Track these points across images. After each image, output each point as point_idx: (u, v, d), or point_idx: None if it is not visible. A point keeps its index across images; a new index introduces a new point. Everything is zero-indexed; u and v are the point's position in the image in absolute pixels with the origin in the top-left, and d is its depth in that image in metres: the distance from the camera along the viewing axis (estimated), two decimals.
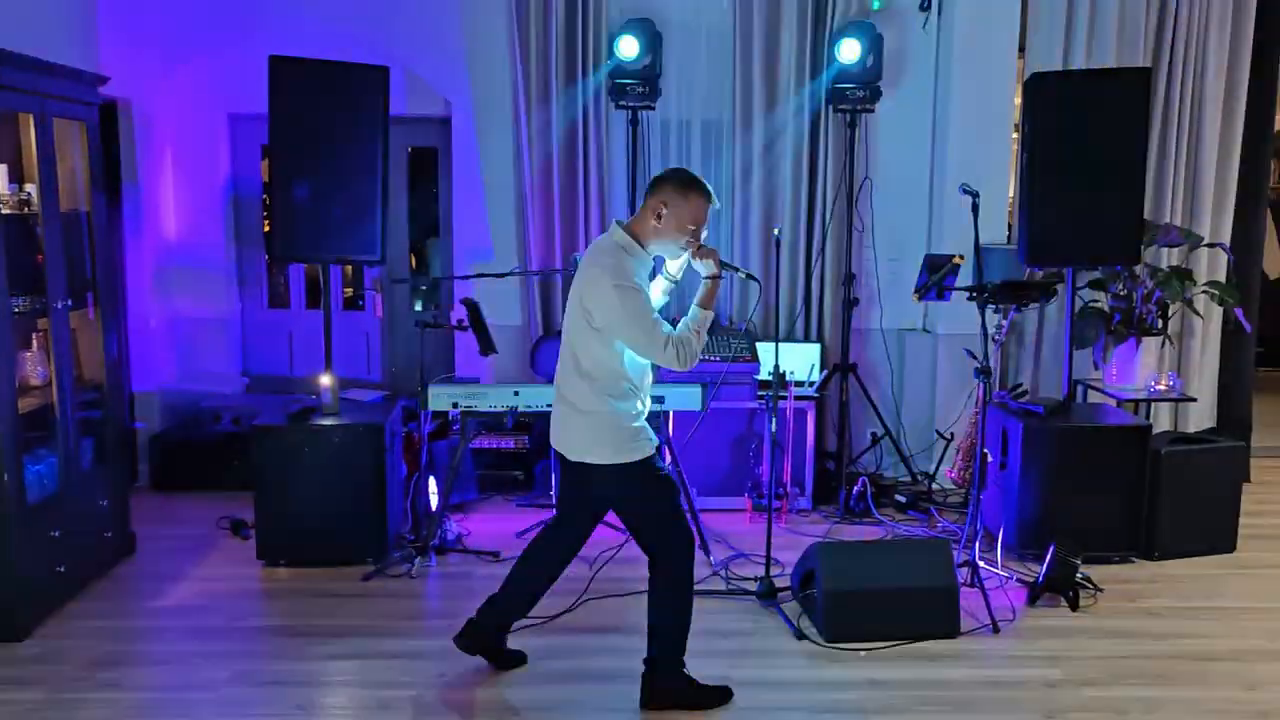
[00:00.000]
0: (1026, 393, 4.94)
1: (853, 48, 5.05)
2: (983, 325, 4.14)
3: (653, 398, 4.26)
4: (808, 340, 5.44)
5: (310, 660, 3.48)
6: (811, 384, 5.18)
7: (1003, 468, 4.55)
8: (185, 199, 5.60)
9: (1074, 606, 3.92)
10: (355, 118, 4.30)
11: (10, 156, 3.75)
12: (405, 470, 4.72)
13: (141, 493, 5.18)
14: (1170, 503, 4.42)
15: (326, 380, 4.47)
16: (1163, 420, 5.51)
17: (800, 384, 5.11)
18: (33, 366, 3.86)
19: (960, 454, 5.21)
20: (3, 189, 3.64)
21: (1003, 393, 4.82)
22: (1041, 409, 4.48)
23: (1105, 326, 5.01)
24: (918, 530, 4.78)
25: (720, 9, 5.35)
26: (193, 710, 3.15)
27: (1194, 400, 5.24)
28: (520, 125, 5.28)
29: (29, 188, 3.75)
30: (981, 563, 4.05)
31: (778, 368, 3.95)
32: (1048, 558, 3.97)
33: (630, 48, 5.01)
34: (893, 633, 3.61)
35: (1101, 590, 4.07)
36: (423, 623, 3.84)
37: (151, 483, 5.32)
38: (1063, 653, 3.57)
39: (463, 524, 4.73)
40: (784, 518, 4.90)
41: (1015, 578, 4.18)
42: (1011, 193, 5.72)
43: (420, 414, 4.54)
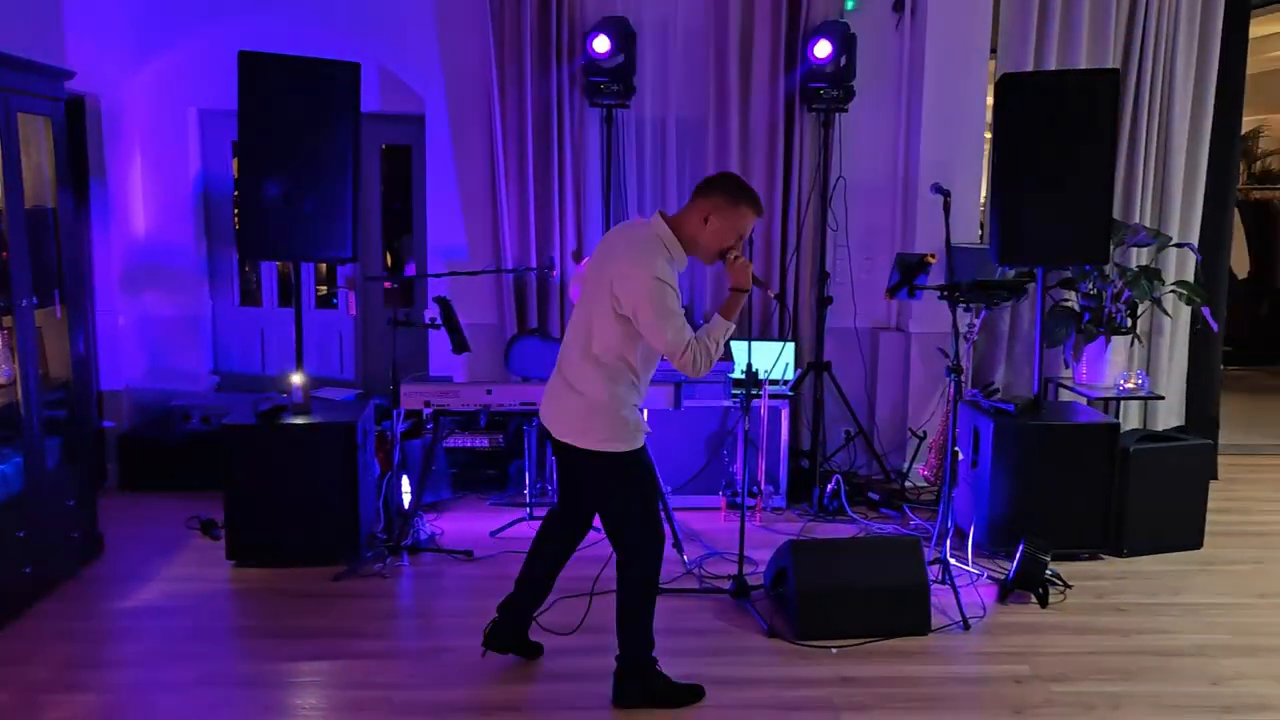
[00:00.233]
0: (998, 391, 4.97)
1: (825, 47, 5.07)
2: (954, 324, 4.17)
3: None
4: (782, 339, 5.45)
5: (281, 661, 3.45)
6: (786, 382, 5.20)
7: (974, 465, 4.58)
8: (154, 195, 5.54)
9: (1043, 603, 3.96)
10: (326, 114, 4.27)
11: None
12: (378, 469, 4.69)
13: (110, 493, 5.13)
14: (1138, 500, 4.47)
15: (298, 379, 4.44)
16: (1132, 418, 5.57)
17: (775, 382, 5.12)
18: None
19: (933, 452, 5.25)
20: None
21: (974, 391, 4.86)
22: (1012, 407, 4.51)
23: (1075, 325, 5.06)
24: (891, 528, 4.81)
25: (695, 8, 5.35)
26: (160, 712, 3.12)
27: (1162, 398, 5.30)
28: (495, 123, 5.26)
29: None
30: (952, 560, 4.08)
31: (750, 366, 3.96)
32: (1018, 555, 4.01)
33: (603, 44, 5.00)
34: (864, 630, 3.63)
35: (1070, 587, 4.11)
36: (395, 623, 3.82)
37: (120, 482, 5.26)
38: (1031, 649, 3.60)
39: (436, 523, 4.72)
40: (758, 516, 4.92)
41: (986, 575, 4.21)
42: (984, 193, 5.77)
43: (393, 412, 4.52)
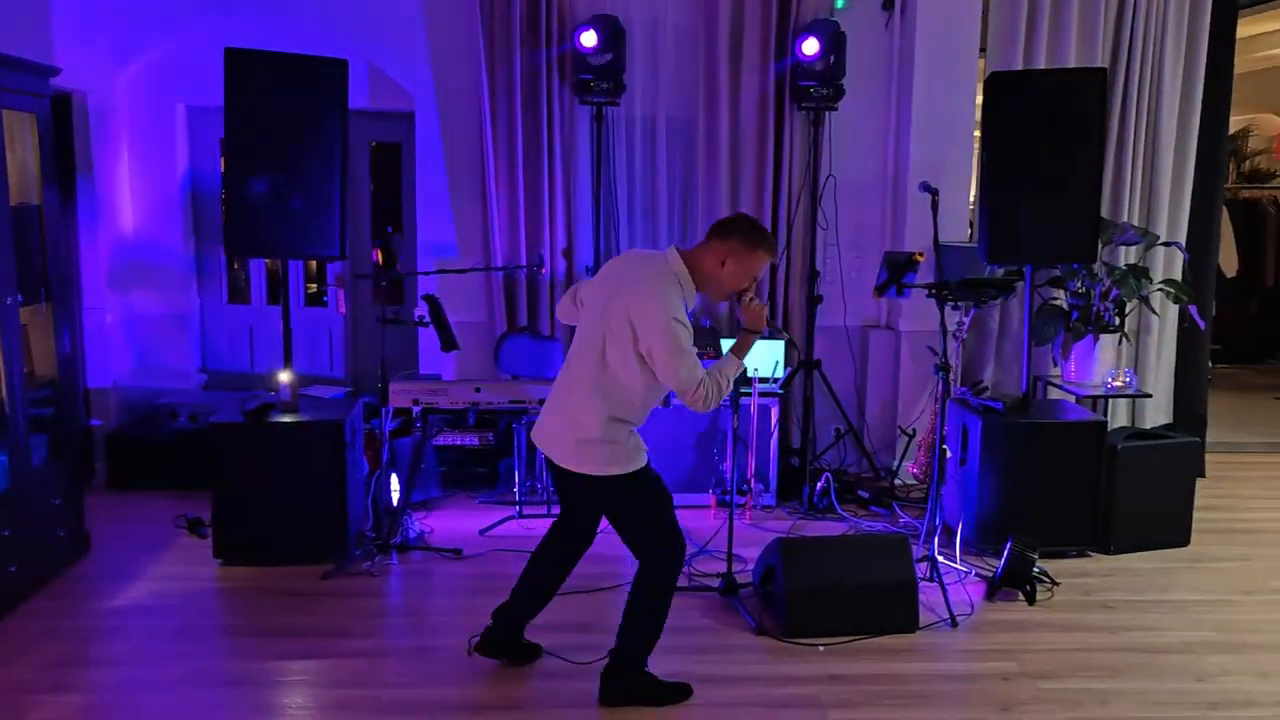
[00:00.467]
0: (986, 389, 4.99)
1: (813, 44, 5.08)
2: (942, 322, 4.17)
3: None
4: (773, 337, 5.45)
5: (268, 660, 3.44)
6: (776, 380, 5.20)
7: (962, 463, 4.59)
8: (142, 192, 5.51)
9: (1031, 601, 3.97)
10: (314, 111, 4.25)
11: None
12: (367, 467, 4.68)
13: (97, 491, 5.10)
14: (1126, 498, 4.48)
15: (286, 377, 4.42)
16: (1120, 416, 5.59)
17: (765, 380, 5.12)
18: None
19: (922, 449, 5.25)
20: None
21: (963, 389, 4.87)
22: (1001, 405, 4.52)
23: (1064, 324, 5.07)
24: (880, 526, 4.82)
25: (685, 6, 5.35)
26: (146, 712, 3.10)
27: (1149, 396, 5.32)
28: (484, 120, 5.25)
29: None
30: (940, 558, 4.09)
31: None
32: (1005, 552, 4.02)
33: (590, 39, 4.99)
34: (852, 627, 3.64)
35: (1058, 584, 4.12)
36: (383, 621, 3.81)
37: (108, 481, 5.24)
38: (1019, 646, 3.61)
39: (425, 522, 4.71)
40: (748, 514, 4.92)
41: (974, 572, 4.22)
42: (973, 191, 5.78)
43: (382, 410, 4.51)
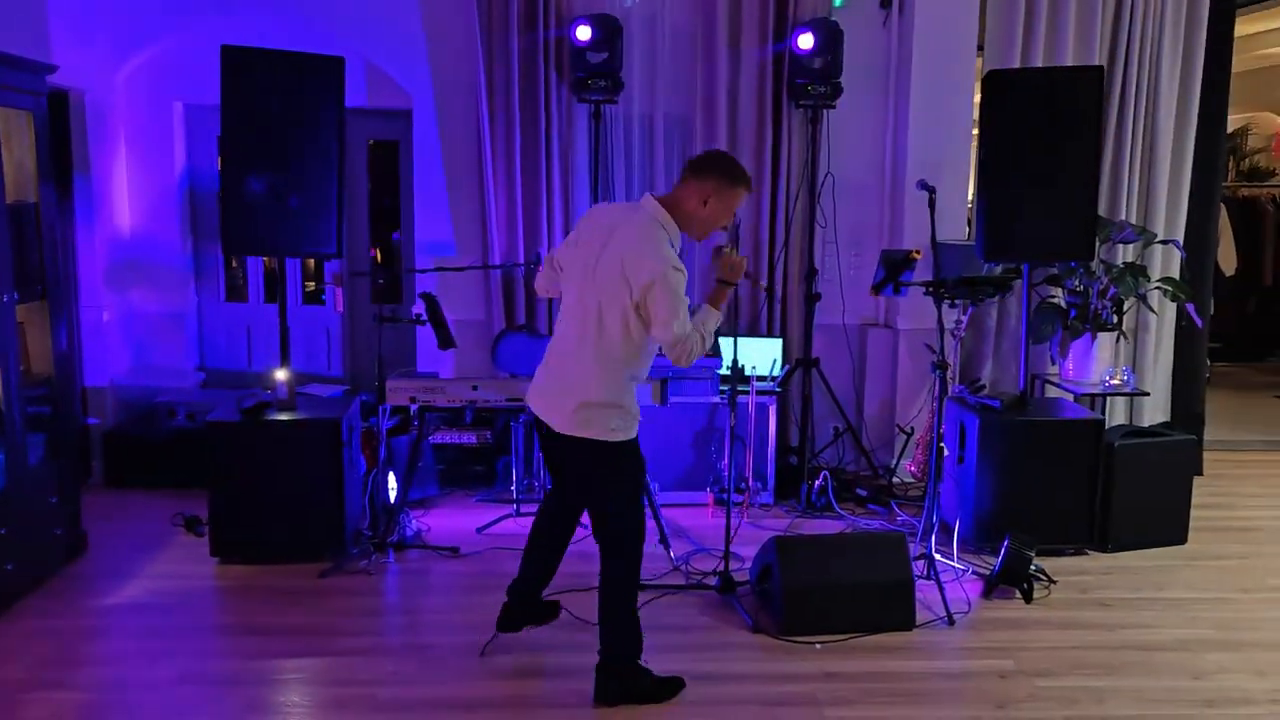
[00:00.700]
0: (984, 387, 4.99)
1: (808, 39, 5.08)
2: (939, 320, 4.17)
3: None
4: (770, 335, 5.46)
5: (265, 658, 3.44)
6: (774, 379, 5.20)
7: (960, 461, 4.59)
8: (140, 191, 5.51)
9: (1028, 599, 3.97)
10: (311, 109, 4.25)
11: None
12: (364, 466, 4.68)
13: (94, 489, 5.10)
14: (1123, 496, 4.48)
15: (283, 375, 4.42)
16: (1118, 414, 5.59)
17: (763, 379, 5.12)
18: None
19: (920, 448, 5.25)
20: None
21: (961, 387, 4.87)
22: (998, 403, 4.52)
23: (1061, 322, 5.07)
24: (877, 524, 4.82)
25: (682, 5, 5.35)
26: (142, 710, 3.10)
27: (1147, 394, 5.32)
28: (482, 118, 5.24)
29: None
30: (938, 556, 4.09)
31: (736, 362, 3.96)
32: (1003, 550, 4.02)
33: (584, 33, 4.98)
34: (849, 625, 3.63)
35: (1055, 582, 4.12)
36: (380, 620, 3.81)
37: (105, 479, 5.24)
38: (1016, 644, 3.61)
39: (422, 520, 4.70)
40: (746, 512, 4.92)
41: (971, 570, 4.22)
42: (971, 189, 5.78)
43: (379, 408, 4.51)
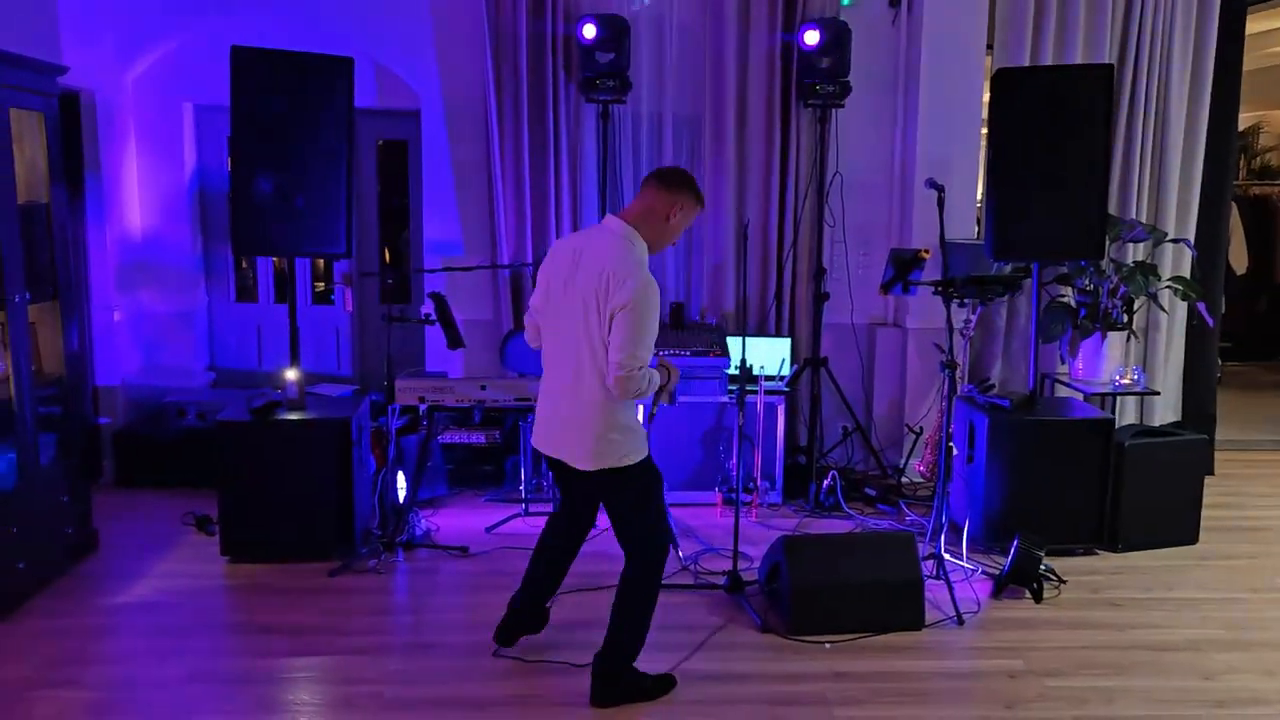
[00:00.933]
0: (994, 386, 4.97)
1: (814, 35, 5.08)
2: (948, 319, 4.16)
3: None
4: (779, 335, 5.45)
5: (274, 657, 3.45)
6: (782, 378, 5.19)
7: (969, 461, 4.58)
8: (150, 191, 5.53)
9: (1037, 598, 3.96)
10: (320, 109, 4.26)
11: None
12: (373, 465, 4.69)
13: (105, 489, 5.13)
14: (1134, 495, 4.47)
15: (292, 375, 4.43)
16: (1129, 414, 5.57)
17: (771, 378, 5.12)
18: None
19: (929, 447, 5.24)
20: None
21: (970, 386, 4.85)
22: (1008, 402, 4.51)
23: (1071, 321, 5.05)
24: (886, 524, 4.80)
25: (690, 5, 5.34)
26: (152, 708, 3.12)
27: (1158, 394, 5.30)
28: (490, 118, 5.25)
29: None
30: (947, 555, 4.08)
31: (744, 362, 3.95)
32: (1012, 550, 4.01)
33: (590, 31, 4.98)
34: (858, 625, 3.63)
35: (1065, 582, 4.11)
36: (389, 619, 3.82)
37: (115, 479, 5.26)
38: (1025, 644, 3.60)
39: (431, 519, 4.71)
40: (754, 512, 4.91)
41: (981, 570, 4.21)
42: (980, 188, 5.76)
43: (388, 408, 4.52)
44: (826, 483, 5.00)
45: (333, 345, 5.90)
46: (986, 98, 5.25)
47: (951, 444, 4.21)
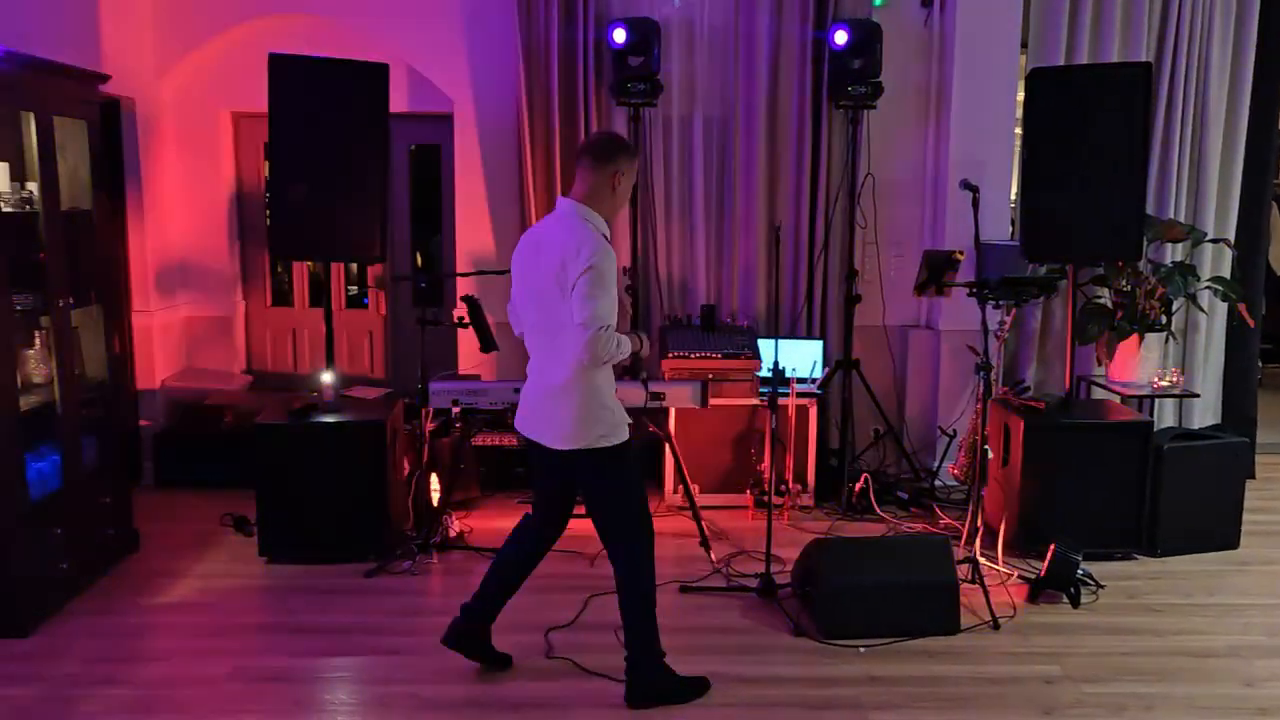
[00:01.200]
0: (1029, 389, 4.93)
1: (843, 35, 5.07)
2: (983, 321, 4.13)
3: (653, 395, 4.30)
4: (810, 337, 5.43)
5: (310, 656, 3.49)
6: (814, 381, 5.18)
7: (1004, 464, 4.54)
8: (188, 197, 5.62)
9: (1075, 603, 3.92)
10: (355, 115, 4.32)
11: (11, 155, 3.76)
12: (407, 467, 4.73)
13: (145, 490, 5.21)
14: (1173, 499, 4.41)
15: (328, 378, 4.48)
16: (1167, 417, 5.49)
17: (802, 381, 5.10)
18: (35, 364, 3.87)
19: (962, 450, 5.19)
20: (4, 187, 3.66)
21: (1005, 389, 4.81)
22: (1043, 405, 4.46)
23: (1108, 322, 4.99)
24: (920, 527, 4.77)
25: (721, 7, 5.34)
26: (192, 706, 3.16)
27: (1197, 396, 5.22)
28: (522, 121, 5.28)
29: (30, 186, 3.77)
30: (982, 559, 4.05)
31: (777, 364, 3.95)
32: (1049, 554, 3.97)
33: (620, 35, 5.00)
34: (892, 629, 3.61)
35: (1103, 587, 4.06)
36: (424, 620, 3.84)
37: (155, 480, 5.35)
38: (1063, 649, 3.56)
39: (464, 521, 4.74)
40: (786, 515, 4.90)
41: (1017, 575, 4.17)
42: (1015, 189, 5.71)
43: (422, 411, 4.55)
44: (859, 486, 4.98)
45: (365, 348, 5.96)
46: (1020, 97, 5.21)
47: (986, 447, 4.18)
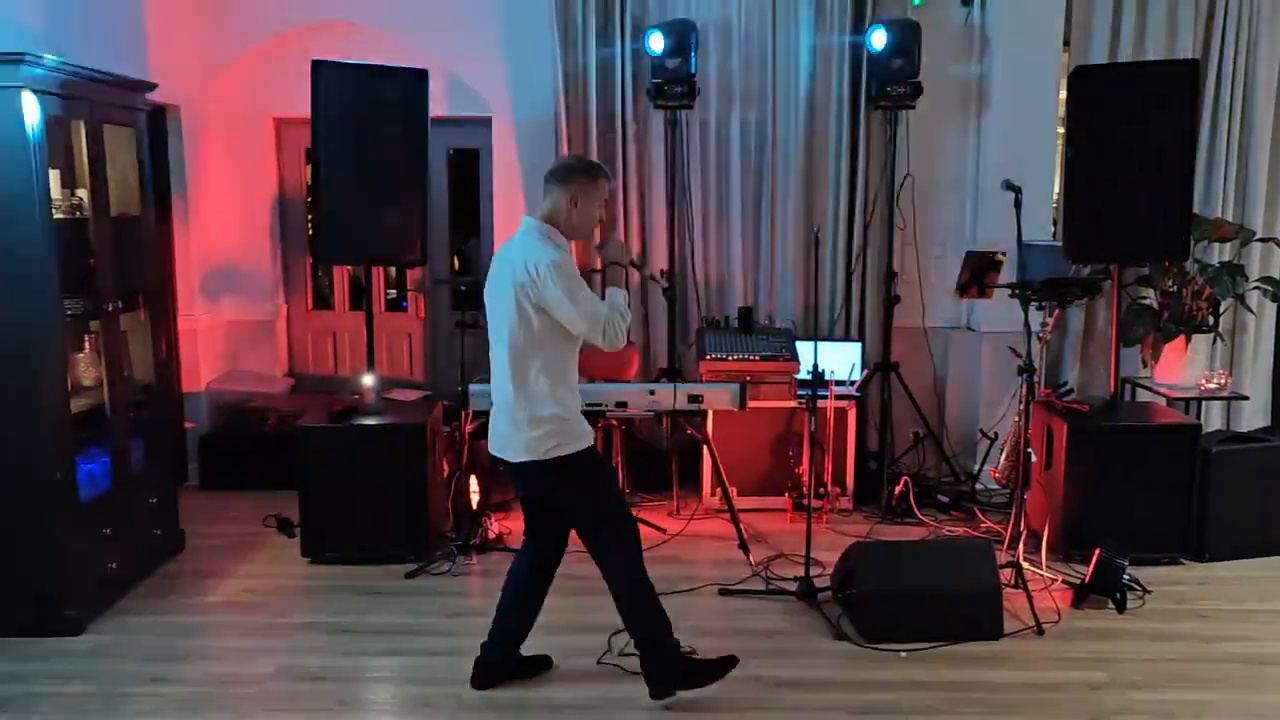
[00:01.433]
0: (1072, 391, 4.86)
1: (881, 37, 5.04)
2: (1026, 322, 4.08)
3: (690, 397, 4.30)
4: (849, 339, 5.40)
5: (353, 656, 3.53)
6: (852, 383, 5.14)
7: (1047, 467, 4.48)
8: (232, 202, 5.70)
9: (1120, 608, 3.86)
10: (396, 121, 4.36)
11: (62, 162, 3.85)
12: (447, 469, 4.76)
13: (191, 491, 5.29)
14: (1221, 503, 4.33)
15: (369, 380, 4.53)
16: (1214, 419, 5.39)
17: (841, 383, 5.07)
18: (85, 367, 3.95)
19: (1004, 453, 5.13)
20: (55, 194, 3.73)
21: (1047, 391, 4.75)
22: (1087, 407, 4.40)
23: (1154, 323, 4.91)
24: (961, 531, 4.73)
25: (757, 10, 5.33)
26: (237, 705, 3.21)
27: (1246, 399, 5.12)
28: (560, 125, 5.30)
29: (80, 193, 3.85)
30: (1025, 564, 4.00)
31: (816, 366, 3.93)
32: (1094, 559, 3.91)
33: (658, 42, 5.01)
34: (934, 634, 3.58)
35: (1149, 592, 4.00)
36: (464, 621, 3.86)
37: (201, 482, 5.43)
38: (1108, 655, 3.51)
39: (504, 523, 4.77)
40: (825, 518, 4.87)
41: (1060, 579, 4.11)
42: (1057, 188, 5.64)
43: (461, 413, 4.58)
44: (898, 489, 4.94)
45: (405, 351, 6.01)
46: (1062, 95, 5.14)
47: (1029, 450, 4.12)
